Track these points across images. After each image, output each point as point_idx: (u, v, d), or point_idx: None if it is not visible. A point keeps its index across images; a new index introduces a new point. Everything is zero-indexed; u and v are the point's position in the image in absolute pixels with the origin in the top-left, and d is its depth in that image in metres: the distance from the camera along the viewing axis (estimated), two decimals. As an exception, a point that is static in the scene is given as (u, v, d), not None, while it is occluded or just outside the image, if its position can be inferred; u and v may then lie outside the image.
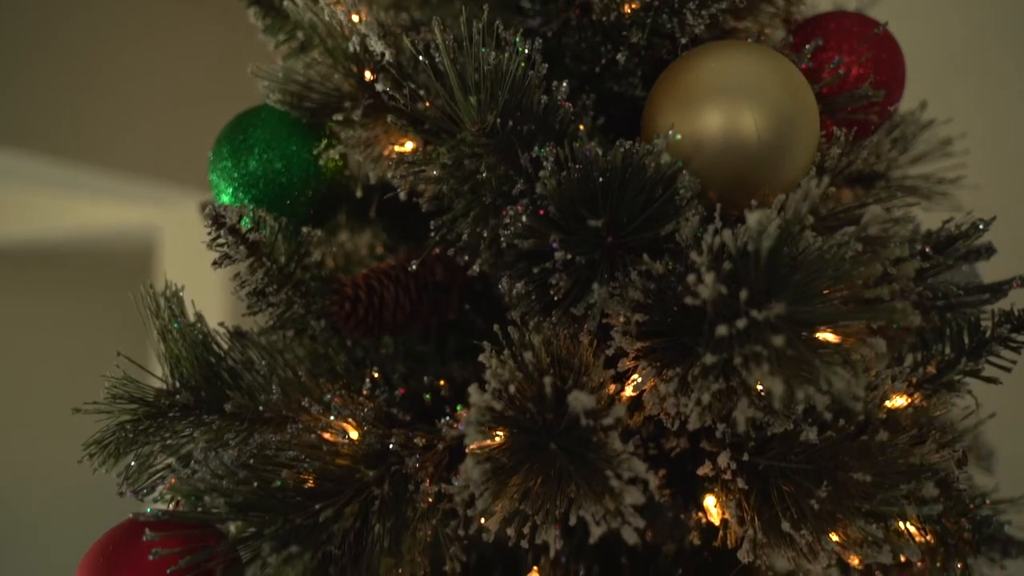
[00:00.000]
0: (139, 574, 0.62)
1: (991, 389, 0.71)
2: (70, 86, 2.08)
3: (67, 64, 2.06)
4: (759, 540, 0.63)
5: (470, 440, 0.54)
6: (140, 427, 0.64)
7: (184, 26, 2.36)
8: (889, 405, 0.66)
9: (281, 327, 0.72)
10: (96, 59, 2.11)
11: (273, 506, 0.56)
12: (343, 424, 0.64)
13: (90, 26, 2.12)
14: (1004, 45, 1.62)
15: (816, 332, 0.55)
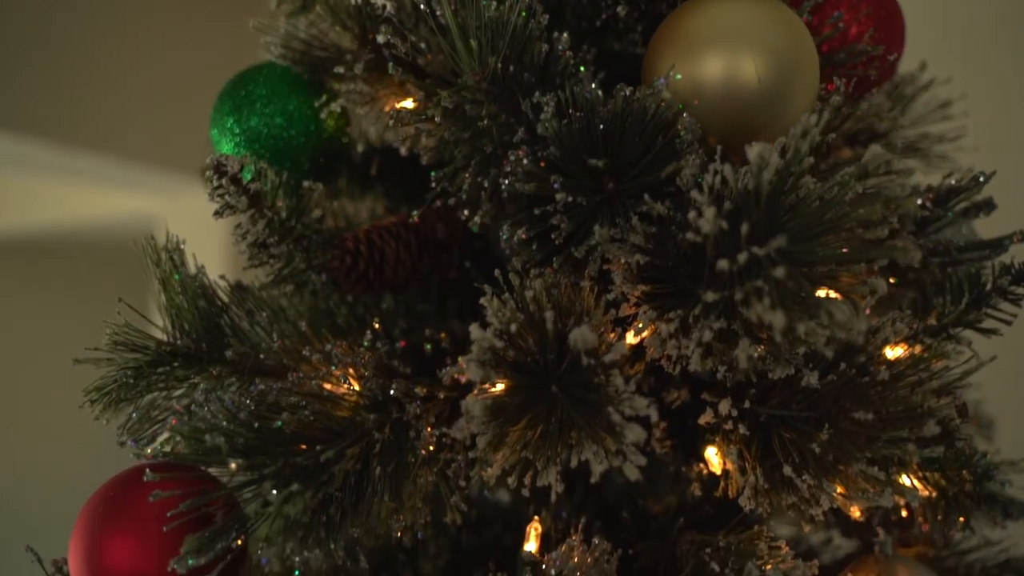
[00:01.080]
0: (140, 519, 0.62)
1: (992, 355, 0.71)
2: (71, 71, 2.07)
3: (69, 49, 2.05)
4: (760, 486, 0.63)
5: (472, 376, 0.54)
6: (142, 374, 0.64)
7: (189, 12, 2.36)
8: (890, 356, 0.66)
9: (282, 282, 0.72)
10: (100, 44, 2.10)
11: (274, 446, 0.56)
12: (344, 372, 0.64)
13: (94, 10, 2.11)
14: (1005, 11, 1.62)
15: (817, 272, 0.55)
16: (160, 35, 2.27)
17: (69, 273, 3.41)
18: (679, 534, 0.68)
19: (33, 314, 3.48)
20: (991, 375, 0.99)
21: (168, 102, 2.22)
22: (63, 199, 2.68)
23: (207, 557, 0.57)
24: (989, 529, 0.85)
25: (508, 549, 0.74)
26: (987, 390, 0.98)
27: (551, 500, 0.73)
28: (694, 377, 0.73)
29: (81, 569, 0.63)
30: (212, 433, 0.56)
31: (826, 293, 0.54)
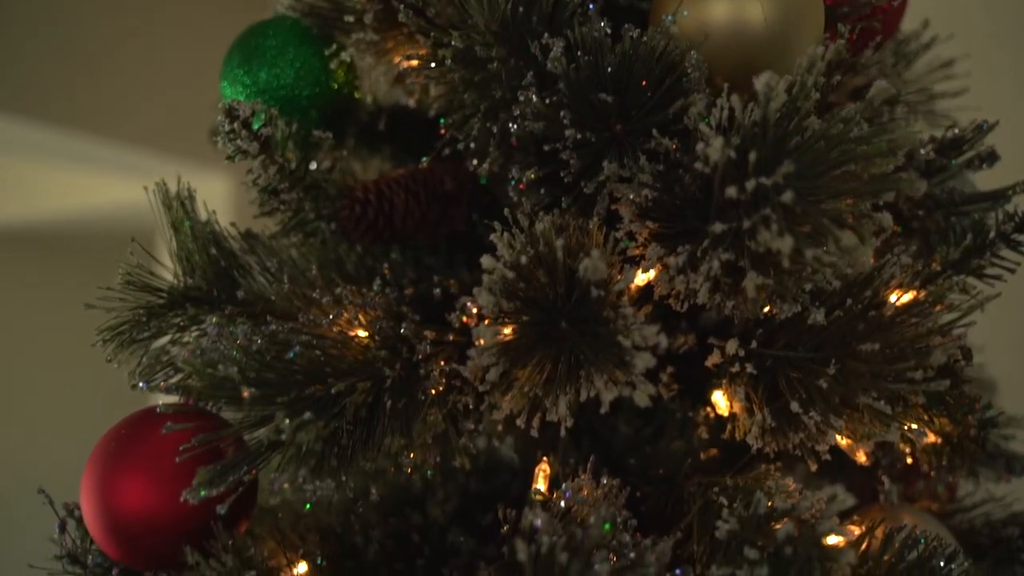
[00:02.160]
0: (151, 456, 0.63)
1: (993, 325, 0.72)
2: (77, 53, 2.05)
3: (77, 29, 2.03)
4: (768, 425, 0.64)
5: (483, 303, 0.55)
6: (155, 314, 0.65)
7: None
8: (895, 301, 0.66)
9: (291, 230, 0.73)
10: (108, 24, 2.09)
11: (286, 378, 0.57)
12: (354, 314, 0.65)
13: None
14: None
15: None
16: (172, 17, 2.26)
17: (73, 265, 3.37)
18: (686, 478, 0.68)
19: (34, 309, 3.47)
20: (993, 338, 1.00)
21: (178, 87, 2.22)
22: (67, 186, 2.66)
23: (218, 488, 0.57)
24: (993, 484, 0.85)
25: (516, 497, 0.74)
26: (989, 354, 0.98)
27: (559, 445, 0.74)
28: (701, 324, 0.74)
29: (93, 507, 0.63)
30: (225, 363, 0.56)
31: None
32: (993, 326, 0.95)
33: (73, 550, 0.68)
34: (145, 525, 0.62)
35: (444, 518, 0.71)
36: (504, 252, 0.57)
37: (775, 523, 0.55)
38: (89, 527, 0.64)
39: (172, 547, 0.62)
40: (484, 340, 0.56)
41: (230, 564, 0.58)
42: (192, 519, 0.62)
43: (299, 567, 0.66)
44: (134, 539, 0.62)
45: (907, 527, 0.63)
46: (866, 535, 0.65)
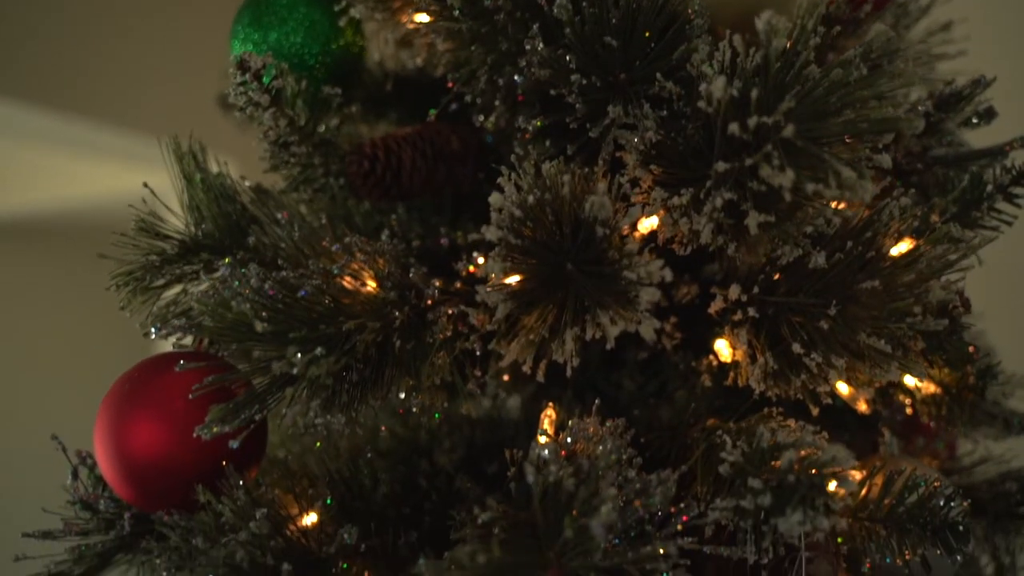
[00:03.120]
0: (165, 398, 0.64)
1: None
2: (82, 36, 2.03)
3: (82, 12, 2.02)
4: (770, 368, 0.65)
5: (490, 237, 0.56)
6: (169, 261, 0.66)
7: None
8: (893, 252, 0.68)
9: (300, 185, 0.74)
10: (113, 11, 2.08)
11: (299, 315, 0.58)
12: (363, 261, 0.66)
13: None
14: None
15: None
16: (181, 6, 2.24)
17: (76, 258, 3.31)
18: (690, 425, 0.70)
19: (37, 303, 3.45)
20: (992, 304, 1.01)
21: (185, 75, 2.21)
22: (70, 175, 2.63)
23: (231, 426, 0.58)
24: (992, 443, 0.86)
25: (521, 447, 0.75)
26: (988, 322, 0.99)
27: (564, 398, 0.75)
28: (703, 276, 0.75)
29: (106, 448, 0.64)
30: (238, 301, 0.57)
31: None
32: (990, 292, 0.96)
33: (85, 496, 0.69)
34: (157, 466, 0.63)
35: (451, 466, 0.72)
36: (511, 193, 0.58)
37: (777, 458, 0.56)
38: (102, 469, 0.65)
39: (184, 488, 0.63)
40: (493, 275, 0.57)
41: (242, 500, 0.59)
42: (204, 459, 0.63)
43: (309, 516, 0.67)
44: (147, 480, 0.63)
45: (907, 470, 0.64)
46: (867, 479, 0.66)
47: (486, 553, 0.50)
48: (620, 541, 0.56)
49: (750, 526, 0.56)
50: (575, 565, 0.52)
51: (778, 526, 0.54)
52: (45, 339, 3.47)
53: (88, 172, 2.54)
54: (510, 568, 0.52)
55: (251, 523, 0.57)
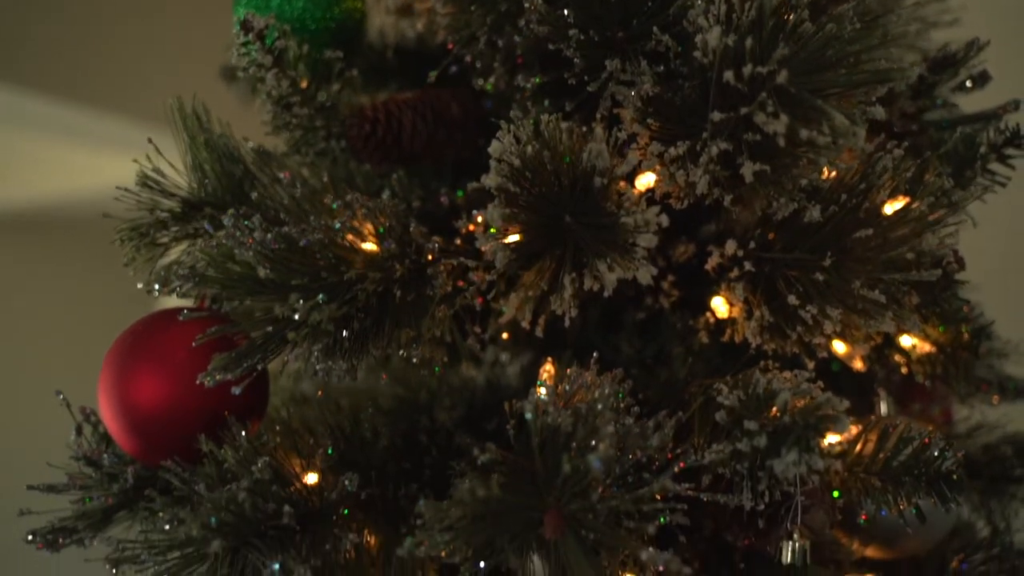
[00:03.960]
0: (166, 350, 0.65)
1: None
2: (85, 23, 2.01)
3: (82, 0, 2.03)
4: (766, 321, 0.65)
5: (491, 183, 0.57)
6: (176, 217, 0.67)
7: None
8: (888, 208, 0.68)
9: (302, 148, 0.75)
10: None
11: (300, 264, 0.59)
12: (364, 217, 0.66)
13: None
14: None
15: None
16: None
17: (81, 250, 3.25)
18: (687, 382, 0.70)
19: (40, 296, 3.43)
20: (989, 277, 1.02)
21: (190, 63, 2.19)
22: (74, 165, 2.61)
23: (233, 374, 0.59)
24: (988, 408, 0.87)
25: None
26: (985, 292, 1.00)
27: (563, 358, 0.76)
28: (700, 236, 0.76)
29: (110, 400, 0.65)
30: (240, 249, 0.58)
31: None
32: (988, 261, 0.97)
33: (89, 452, 0.70)
34: (161, 417, 0.64)
35: (451, 423, 0.73)
36: (510, 144, 0.59)
37: (773, 403, 0.57)
38: (106, 422, 0.66)
39: (187, 440, 0.64)
40: (493, 222, 0.58)
41: (244, 448, 0.60)
42: (206, 411, 0.64)
43: (310, 476, 0.67)
44: (150, 431, 0.64)
45: (902, 423, 0.65)
46: (862, 434, 0.67)
47: (485, 489, 0.50)
48: (618, 488, 0.57)
49: (746, 469, 0.57)
50: (574, 508, 0.53)
51: (774, 468, 0.55)
52: (48, 332, 3.44)
53: (91, 162, 2.52)
54: (509, 509, 0.53)
55: (254, 468, 0.58)
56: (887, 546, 0.73)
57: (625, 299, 0.78)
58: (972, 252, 0.73)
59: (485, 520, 0.53)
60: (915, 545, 0.73)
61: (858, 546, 0.74)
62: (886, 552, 0.74)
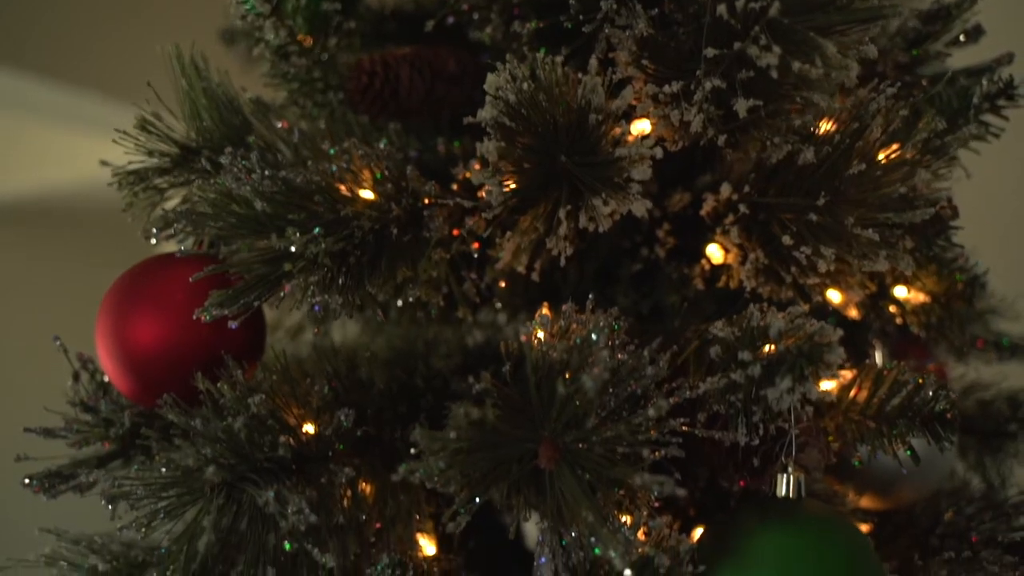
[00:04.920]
0: (164, 291, 0.65)
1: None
2: (95, 6, 2.03)
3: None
4: (760, 263, 0.66)
5: (486, 118, 0.57)
6: (177, 163, 0.67)
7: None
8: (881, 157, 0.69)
9: (300, 97, 0.76)
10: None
11: (298, 202, 0.59)
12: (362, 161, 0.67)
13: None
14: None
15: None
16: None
17: (85, 241, 3.24)
18: (681, 328, 0.71)
19: (43, 289, 3.39)
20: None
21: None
22: (80, 154, 2.56)
23: (230, 309, 0.59)
24: (984, 366, 0.88)
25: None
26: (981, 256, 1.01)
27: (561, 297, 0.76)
28: (696, 187, 0.76)
29: (107, 341, 0.65)
30: (238, 184, 0.58)
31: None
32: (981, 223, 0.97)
33: (86, 398, 0.70)
34: (158, 357, 0.64)
35: (447, 370, 0.73)
36: (506, 81, 0.59)
37: (767, 336, 0.57)
38: (103, 363, 0.66)
39: (184, 381, 0.64)
40: (488, 155, 0.58)
41: (240, 385, 0.60)
42: (204, 351, 0.64)
43: (305, 415, 0.67)
44: (147, 372, 0.64)
45: (896, 366, 0.65)
46: (856, 380, 0.67)
47: (480, 413, 0.51)
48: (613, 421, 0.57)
49: (740, 401, 0.57)
50: (569, 440, 0.53)
51: (767, 397, 0.55)
52: (54, 324, 3.39)
53: (96, 150, 2.49)
54: (503, 439, 0.53)
55: (250, 401, 0.58)
56: (882, 495, 0.73)
57: (621, 252, 0.78)
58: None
59: (479, 450, 0.53)
60: (909, 494, 0.73)
61: (852, 496, 0.74)
62: (881, 502, 0.74)
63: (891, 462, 0.71)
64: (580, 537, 0.55)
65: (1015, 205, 1.57)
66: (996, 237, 1.10)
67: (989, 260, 0.94)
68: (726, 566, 0.54)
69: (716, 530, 0.57)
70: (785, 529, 0.55)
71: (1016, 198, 1.55)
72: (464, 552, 0.70)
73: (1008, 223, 1.51)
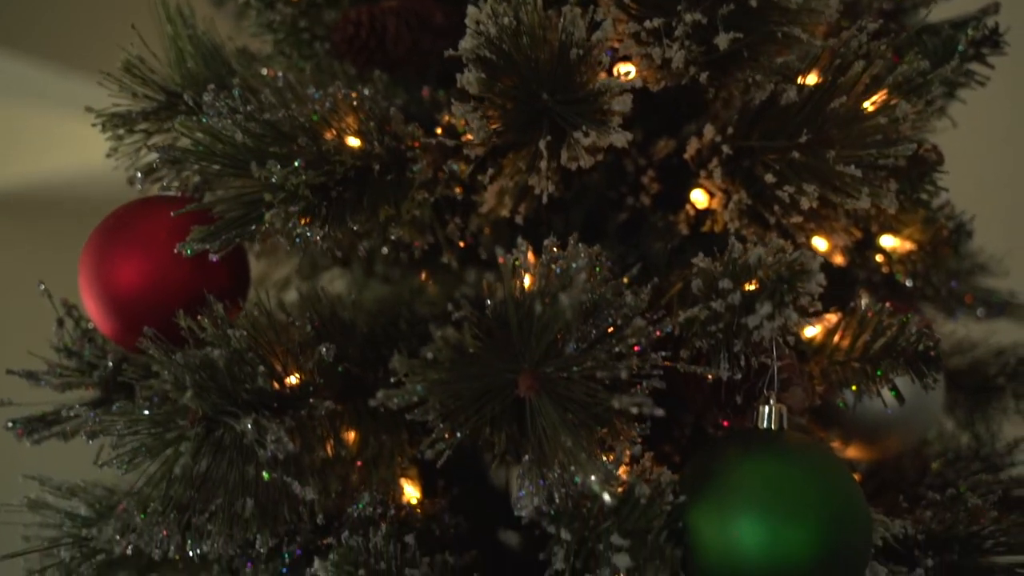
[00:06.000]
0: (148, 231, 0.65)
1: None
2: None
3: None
4: (744, 203, 0.66)
5: (466, 47, 0.57)
6: (163, 105, 0.67)
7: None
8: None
9: (287, 47, 0.76)
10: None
11: (279, 136, 0.59)
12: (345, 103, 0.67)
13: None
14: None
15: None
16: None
17: (90, 230, 3.12)
18: (667, 272, 0.70)
19: (46, 279, 3.36)
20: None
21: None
22: (86, 140, 2.53)
23: (212, 245, 0.59)
24: (973, 324, 0.87)
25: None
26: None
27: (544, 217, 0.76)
28: (681, 135, 0.76)
29: (90, 281, 0.65)
30: (219, 118, 0.58)
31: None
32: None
33: (70, 344, 0.70)
34: (141, 297, 0.64)
35: (432, 316, 0.73)
36: (487, 16, 0.59)
37: (748, 266, 0.57)
38: (86, 304, 0.66)
39: (168, 321, 0.63)
40: (469, 87, 0.58)
41: (222, 319, 0.60)
42: (187, 291, 0.64)
43: (291, 378, 0.67)
44: (130, 312, 0.64)
45: (881, 307, 0.65)
46: (840, 324, 0.67)
47: (459, 335, 0.51)
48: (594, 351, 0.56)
49: (721, 331, 0.57)
50: (549, 372, 0.53)
51: (748, 324, 0.55)
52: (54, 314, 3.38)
53: (100, 138, 2.47)
54: (483, 370, 0.53)
55: (230, 332, 0.58)
56: (868, 443, 0.73)
57: (608, 204, 0.78)
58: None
59: (459, 380, 0.53)
60: (895, 443, 0.73)
61: (839, 446, 0.74)
62: (867, 451, 0.74)
63: (876, 409, 0.71)
64: (562, 473, 0.55)
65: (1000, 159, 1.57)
66: (982, 193, 1.10)
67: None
68: (707, 495, 0.54)
69: (697, 461, 0.57)
70: (766, 458, 0.55)
71: (1001, 151, 1.56)
72: (448, 497, 0.70)
73: (994, 179, 1.51)
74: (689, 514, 0.54)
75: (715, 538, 0.53)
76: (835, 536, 0.53)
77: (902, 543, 0.61)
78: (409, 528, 0.62)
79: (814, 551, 0.52)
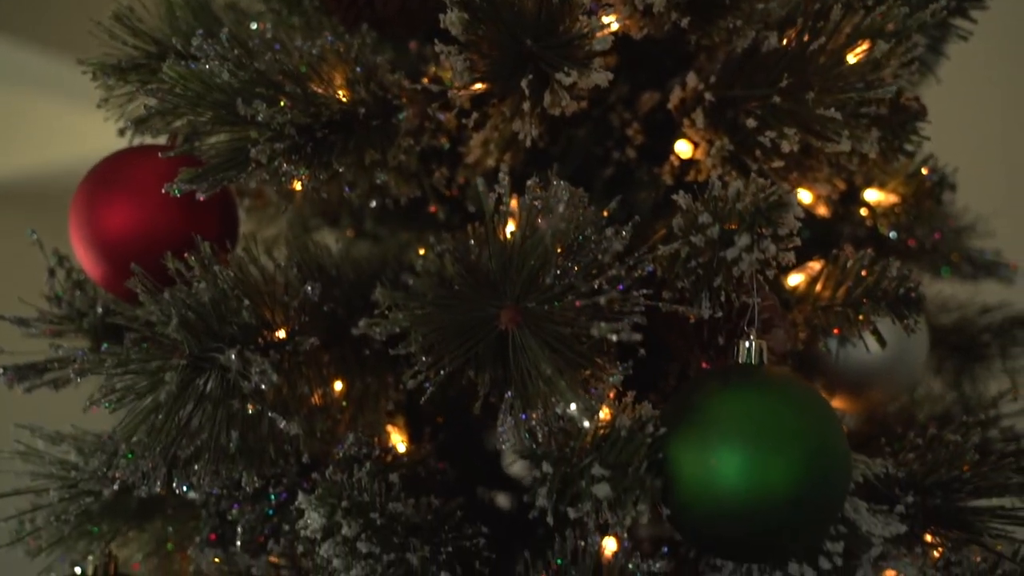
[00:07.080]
0: (138, 177, 0.66)
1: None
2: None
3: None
4: (726, 149, 0.66)
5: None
6: (152, 56, 0.68)
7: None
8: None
9: (276, 2, 0.77)
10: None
11: (266, 78, 0.60)
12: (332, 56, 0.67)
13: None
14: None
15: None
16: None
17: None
18: (652, 222, 0.71)
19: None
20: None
21: None
22: (88, 130, 2.52)
23: (200, 187, 0.60)
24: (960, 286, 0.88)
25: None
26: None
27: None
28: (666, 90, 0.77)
29: (79, 227, 0.66)
30: (206, 59, 0.59)
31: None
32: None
33: (60, 293, 0.71)
34: (131, 242, 0.65)
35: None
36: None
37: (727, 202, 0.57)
38: (76, 251, 0.66)
39: (156, 266, 0.64)
40: (452, 27, 0.59)
41: (209, 258, 0.61)
42: (176, 236, 0.65)
43: (279, 332, 0.68)
44: (120, 257, 0.65)
45: (862, 253, 0.66)
46: (822, 273, 0.68)
47: (439, 263, 0.51)
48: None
49: (701, 267, 0.57)
50: (532, 307, 0.54)
51: (727, 257, 0.55)
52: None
53: (102, 127, 2.46)
54: (465, 303, 0.54)
55: (216, 270, 0.58)
56: (853, 394, 0.73)
57: (594, 160, 0.79)
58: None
59: (440, 312, 0.54)
60: (880, 394, 0.74)
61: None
62: (852, 402, 0.74)
63: (860, 358, 0.71)
64: (545, 411, 0.56)
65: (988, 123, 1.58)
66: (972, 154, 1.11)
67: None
68: (687, 426, 0.55)
69: (679, 395, 0.58)
70: (747, 390, 0.55)
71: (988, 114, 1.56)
72: (435, 443, 0.70)
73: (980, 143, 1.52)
74: (669, 445, 0.55)
75: (695, 469, 0.54)
76: (815, 467, 0.53)
77: (883, 482, 0.61)
78: (394, 469, 0.63)
79: (794, 481, 0.52)
